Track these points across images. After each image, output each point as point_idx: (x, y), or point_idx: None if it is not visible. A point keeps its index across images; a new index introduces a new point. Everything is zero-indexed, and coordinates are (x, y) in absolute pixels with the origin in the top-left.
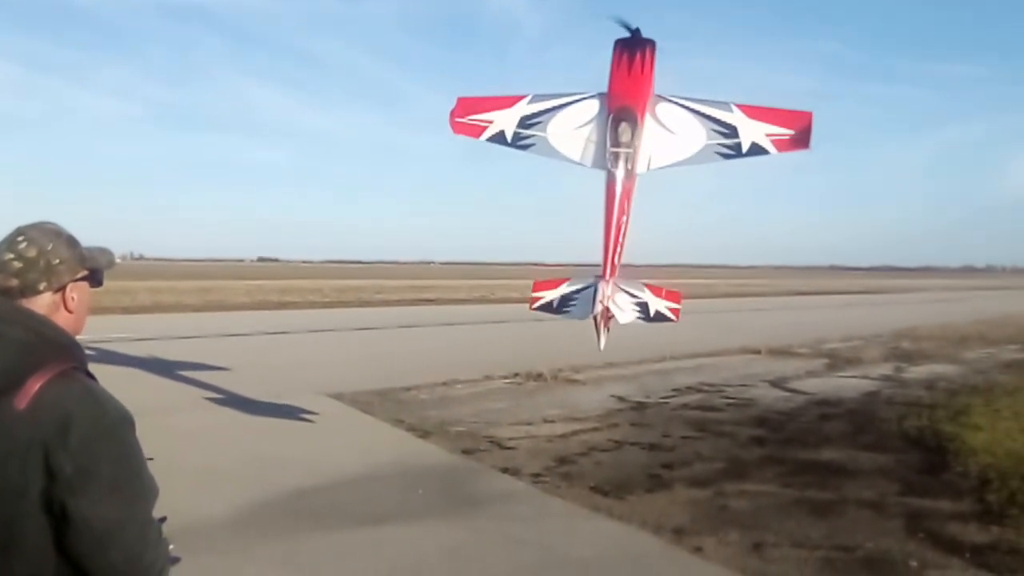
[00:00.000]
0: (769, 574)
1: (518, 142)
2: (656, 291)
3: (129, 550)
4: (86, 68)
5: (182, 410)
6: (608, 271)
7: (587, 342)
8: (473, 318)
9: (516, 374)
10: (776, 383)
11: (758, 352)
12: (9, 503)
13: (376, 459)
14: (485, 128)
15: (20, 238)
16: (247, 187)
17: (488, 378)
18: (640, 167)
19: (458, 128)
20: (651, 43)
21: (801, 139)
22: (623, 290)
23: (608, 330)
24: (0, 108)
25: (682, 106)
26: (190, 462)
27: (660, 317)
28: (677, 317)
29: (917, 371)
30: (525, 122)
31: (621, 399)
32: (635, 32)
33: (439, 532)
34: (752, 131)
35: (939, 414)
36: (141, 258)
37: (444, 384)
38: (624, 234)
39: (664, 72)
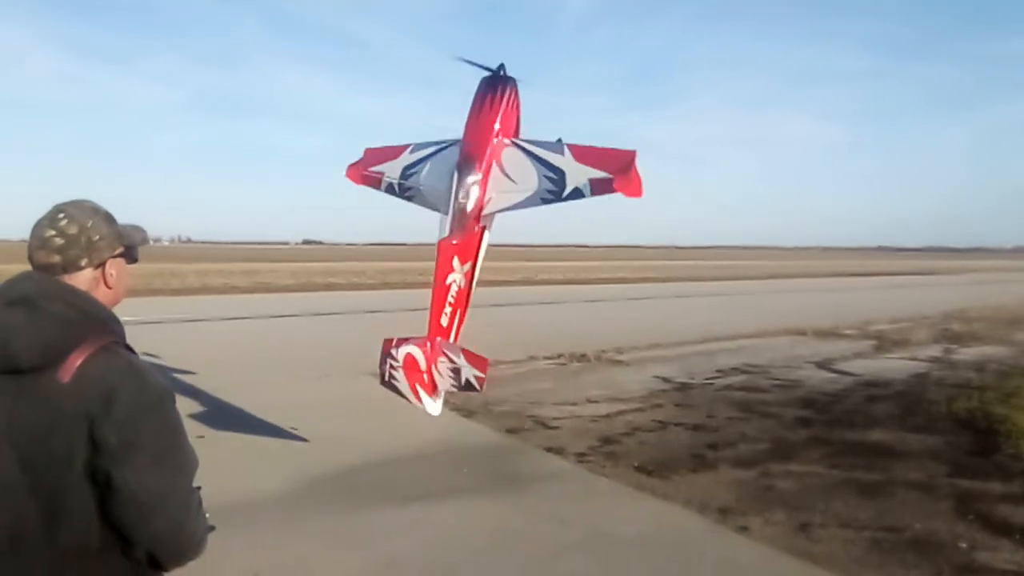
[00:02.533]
0: (816, 554)
1: (404, 193)
2: (471, 358)
3: (172, 519)
4: (131, 55)
5: (233, 389)
6: (431, 332)
7: (631, 323)
8: (516, 299)
9: (560, 355)
10: (822, 364)
11: (804, 333)
12: (56, 474)
13: (422, 438)
14: (380, 179)
15: (61, 215)
16: (291, 171)
17: (532, 359)
18: (484, 219)
19: (358, 180)
20: (511, 81)
21: (610, 182)
22: (444, 353)
23: (433, 395)
24: (47, 95)
25: (525, 151)
26: (241, 440)
27: (468, 386)
28: (482, 387)
29: (967, 353)
30: (406, 173)
31: (665, 380)
32: (495, 71)
33: (485, 510)
34: (575, 174)
35: (989, 396)
36: (189, 241)
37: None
38: (461, 294)
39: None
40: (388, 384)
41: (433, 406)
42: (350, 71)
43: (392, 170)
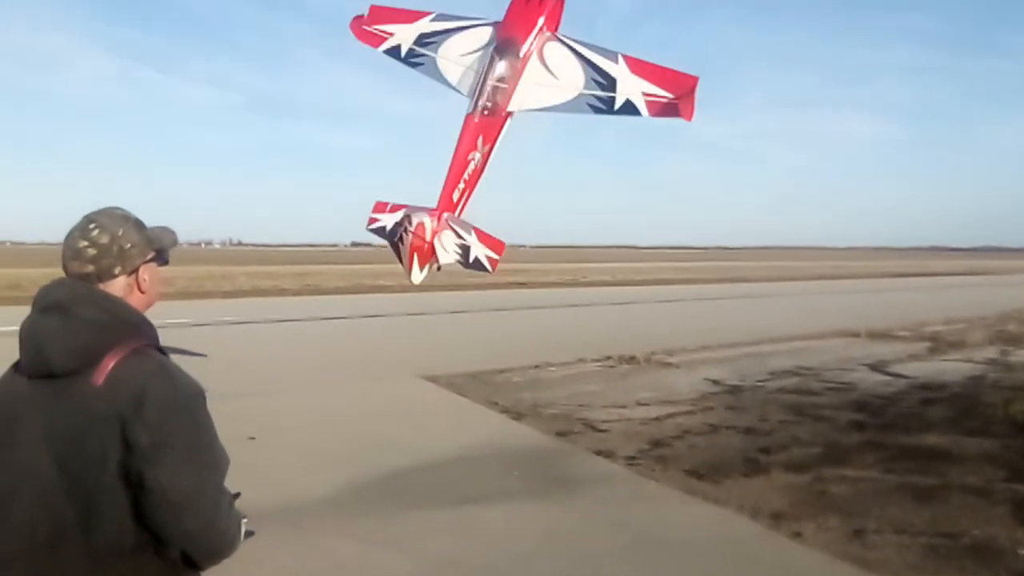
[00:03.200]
0: (871, 560)
1: (411, 59)
2: (483, 237)
3: (203, 518)
4: (182, 58)
5: (282, 392)
6: (441, 205)
7: (680, 325)
8: (564, 301)
9: (608, 357)
10: (876, 367)
11: (857, 335)
12: (90, 475)
13: (471, 440)
14: (384, 40)
15: (92, 225)
16: (338, 172)
17: (580, 361)
18: (512, 105)
19: (360, 35)
20: None
21: (678, 106)
22: (451, 228)
23: (432, 266)
24: (101, 98)
25: (572, 49)
26: (290, 442)
27: (477, 264)
28: (494, 268)
29: None
30: (422, 40)
31: (716, 382)
32: None
33: (535, 513)
34: (630, 87)
35: None
36: (240, 244)
37: (536, 367)
38: (475, 174)
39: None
40: (394, 244)
41: (418, 276)
42: (391, 69)
43: (404, 33)
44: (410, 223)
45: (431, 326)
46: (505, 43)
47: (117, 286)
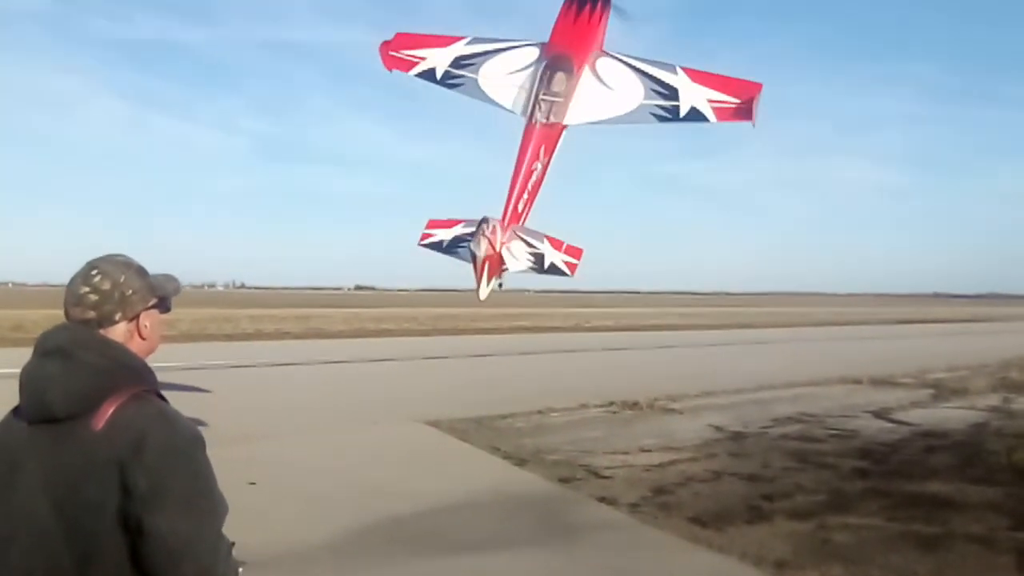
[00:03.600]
0: None
1: (447, 80)
2: (556, 244)
3: (201, 563)
4: (190, 102)
5: (283, 436)
6: (508, 218)
7: (683, 370)
8: (568, 346)
9: (612, 402)
10: (879, 414)
11: (859, 382)
12: (90, 519)
13: (473, 486)
14: (416, 64)
15: (94, 272)
16: (344, 216)
17: (583, 406)
18: (569, 119)
19: (389, 61)
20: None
21: (745, 110)
22: (520, 238)
23: (499, 277)
24: (110, 142)
25: (625, 63)
26: (291, 487)
27: (554, 269)
28: (572, 272)
29: None
30: (459, 62)
31: (719, 429)
32: None
33: (537, 560)
34: (693, 95)
35: None
36: (243, 286)
37: (540, 412)
38: (536, 184)
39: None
40: (471, 252)
41: (484, 291)
42: (399, 116)
43: (438, 57)
44: (487, 226)
45: (433, 370)
46: (556, 60)
47: (118, 332)
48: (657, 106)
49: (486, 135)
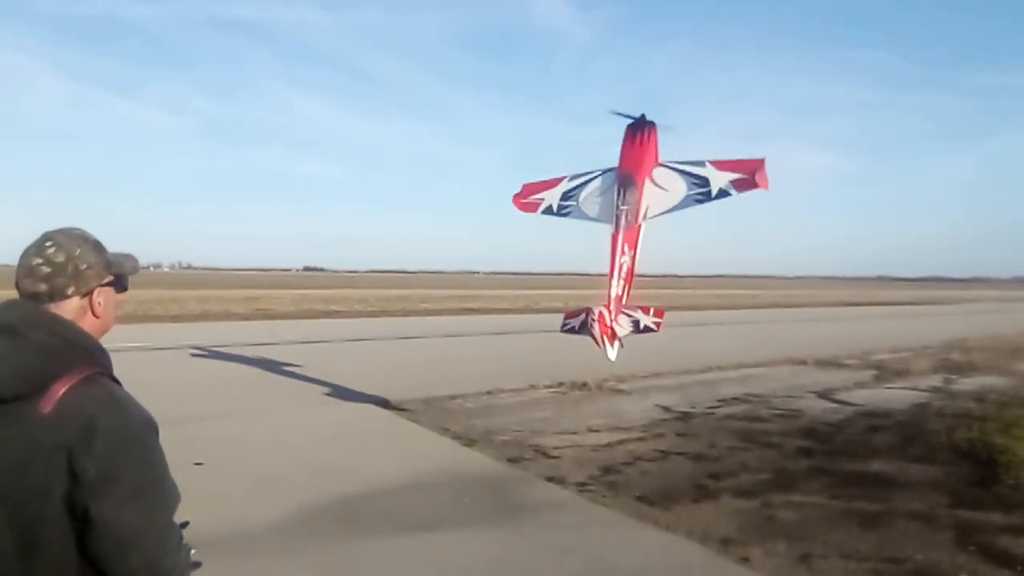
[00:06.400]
0: None
1: (561, 212)
2: (645, 310)
3: (149, 554)
4: (137, 82)
5: (231, 416)
6: (612, 301)
7: (632, 353)
8: (517, 327)
9: (561, 383)
10: (823, 394)
11: (804, 363)
12: (33, 506)
13: (422, 467)
14: (539, 205)
15: (48, 243)
16: (294, 198)
17: (533, 387)
18: (641, 218)
19: (522, 207)
20: (652, 124)
21: (752, 181)
22: (624, 313)
23: (618, 344)
24: (51, 121)
25: (671, 168)
26: (239, 468)
27: (647, 329)
28: (659, 328)
29: (967, 383)
30: (565, 196)
31: (666, 409)
32: (639, 118)
33: (486, 539)
34: (719, 180)
35: (990, 426)
36: (189, 267)
37: (489, 393)
38: (629, 273)
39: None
40: (588, 331)
41: (612, 353)
42: (351, 97)
43: (552, 196)
44: (592, 315)
45: (382, 352)
46: (626, 178)
47: (70, 308)
48: (696, 194)
49: (442, 119)
